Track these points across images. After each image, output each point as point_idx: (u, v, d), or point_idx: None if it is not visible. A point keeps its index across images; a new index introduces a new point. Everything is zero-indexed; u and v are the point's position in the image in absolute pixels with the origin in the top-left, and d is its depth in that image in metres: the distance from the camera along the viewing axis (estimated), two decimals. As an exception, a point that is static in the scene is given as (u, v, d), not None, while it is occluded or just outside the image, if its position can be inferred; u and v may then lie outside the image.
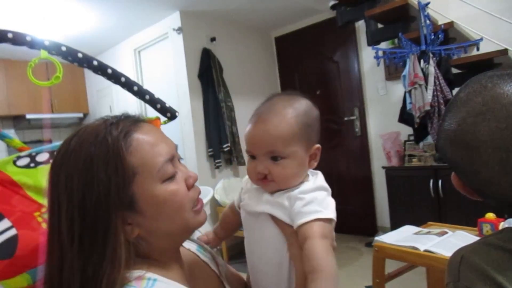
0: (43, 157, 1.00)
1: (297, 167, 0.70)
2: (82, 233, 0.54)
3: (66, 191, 0.55)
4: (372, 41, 3.10)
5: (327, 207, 0.67)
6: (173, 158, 0.63)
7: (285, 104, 0.71)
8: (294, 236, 0.66)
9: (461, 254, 0.62)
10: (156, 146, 0.60)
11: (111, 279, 0.52)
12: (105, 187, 0.54)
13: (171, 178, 0.61)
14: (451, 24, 2.73)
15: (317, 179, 0.73)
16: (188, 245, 0.79)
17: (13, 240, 0.83)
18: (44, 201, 0.96)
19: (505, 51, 2.56)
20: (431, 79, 2.57)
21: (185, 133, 3.68)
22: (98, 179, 0.54)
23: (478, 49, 2.65)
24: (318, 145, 0.73)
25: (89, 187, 0.54)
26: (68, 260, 0.54)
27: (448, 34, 2.80)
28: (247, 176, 0.75)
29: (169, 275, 0.60)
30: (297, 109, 0.70)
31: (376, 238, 1.65)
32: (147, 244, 0.61)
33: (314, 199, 0.66)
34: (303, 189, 0.68)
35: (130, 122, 0.61)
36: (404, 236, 1.61)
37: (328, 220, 0.65)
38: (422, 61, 2.65)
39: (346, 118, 3.94)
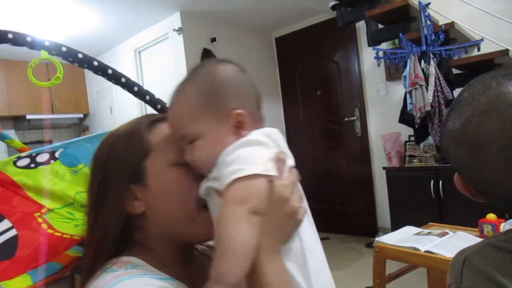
0: (43, 157, 1.00)
1: (215, 143, 0.58)
2: (98, 195, 0.63)
3: (94, 160, 0.67)
4: (373, 42, 3.10)
5: (253, 162, 0.53)
6: None
7: (189, 78, 0.64)
8: None
9: (464, 256, 0.61)
10: (175, 136, 0.64)
11: (104, 242, 0.61)
12: (123, 157, 0.63)
13: (183, 165, 0.62)
14: (451, 24, 2.73)
15: (247, 136, 0.58)
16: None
17: (13, 240, 0.83)
18: (44, 202, 0.96)
19: (506, 52, 2.56)
20: (431, 80, 2.57)
21: (185, 133, 3.68)
22: (118, 150, 0.64)
23: (479, 50, 2.65)
24: (237, 111, 0.58)
25: (110, 157, 0.64)
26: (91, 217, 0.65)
27: (449, 34, 2.80)
28: None
29: (162, 268, 0.60)
30: (199, 79, 0.62)
31: (377, 238, 1.65)
32: (149, 227, 0.63)
33: (237, 157, 0.54)
34: (226, 151, 0.56)
35: (162, 117, 0.69)
36: (404, 237, 1.61)
37: (252, 177, 0.51)
38: (422, 61, 2.65)
39: (346, 119, 3.94)
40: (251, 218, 0.50)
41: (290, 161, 0.59)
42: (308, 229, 0.59)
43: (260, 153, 0.55)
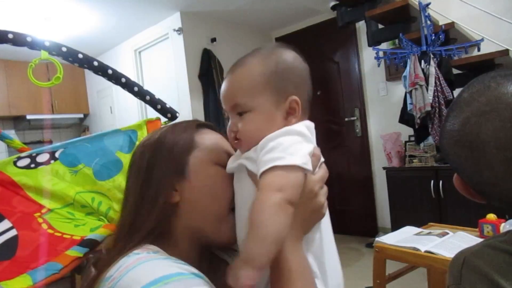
0: (43, 157, 1.00)
1: (264, 122, 0.60)
2: (144, 184, 0.66)
3: (142, 148, 0.70)
4: (373, 42, 3.10)
5: (294, 153, 0.54)
6: (230, 155, 0.69)
7: (255, 54, 0.64)
8: None
9: (463, 257, 0.61)
10: (220, 140, 0.71)
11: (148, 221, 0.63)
12: (171, 148, 0.66)
13: (222, 166, 0.67)
14: (451, 24, 2.73)
15: (292, 125, 0.60)
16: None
17: (13, 240, 0.83)
18: (44, 202, 0.96)
19: (506, 52, 2.56)
20: (431, 80, 2.57)
21: (185, 133, 3.68)
22: (167, 141, 0.67)
23: (479, 50, 2.65)
24: (294, 97, 0.60)
25: (159, 147, 0.67)
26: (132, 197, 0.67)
27: (449, 34, 2.80)
28: None
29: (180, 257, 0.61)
30: (266, 58, 0.62)
31: (377, 239, 1.65)
32: (178, 220, 0.65)
33: (279, 145, 0.55)
34: (269, 136, 0.57)
35: (207, 124, 0.74)
36: (404, 237, 1.61)
37: (291, 168, 0.53)
38: (422, 61, 2.65)
39: (346, 119, 3.94)
40: (286, 207, 0.52)
41: (321, 156, 0.63)
42: (327, 224, 0.63)
43: (301, 146, 0.56)
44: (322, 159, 0.63)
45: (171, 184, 0.65)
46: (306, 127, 0.60)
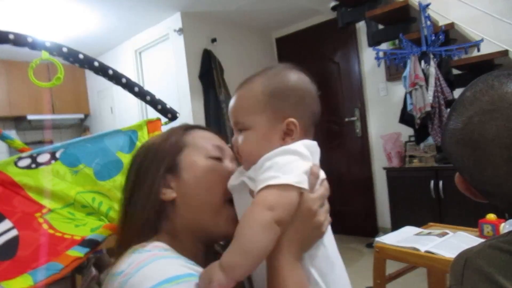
0: (44, 158, 1.01)
1: (261, 141, 0.62)
2: (135, 182, 0.70)
3: (135, 156, 0.74)
4: (373, 42, 3.10)
5: (289, 172, 0.55)
6: (222, 149, 0.73)
7: (261, 74, 0.66)
8: None
9: (465, 257, 0.61)
10: (209, 136, 0.74)
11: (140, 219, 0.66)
12: (158, 153, 0.70)
13: (215, 159, 0.70)
14: (451, 25, 2.73)
15: (289, 145, 0.61)
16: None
17: (14, 241, 0.84)
18: (45, 202, 0.96)
19: (505, 52, 2.56)
20: (431, 80, 2.57)
21: (185, 134, 3.68)
22: (156, 147, 0.72)
23: (478, 50, 2.65)
24: (291, 119, 0.61)
25: (149, 152, 0.72)
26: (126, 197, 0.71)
27: (449, 35, 2.80)
28: None
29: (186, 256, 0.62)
30: (269, 78, 0.64)
31: (377, 239, 1.65)
32: (177, 217, 0.68)
33: (274, 164, 0.56)
34: (266, 156, 0.58)
35: (196, 126, 0.78)
36: (405, 237, 1.61)
37: (285, 187, 0.54)
38: (422, 62, 2.65)
39: (346, 119, 3.94)
40: (273, 227, 0.53)
41: (322, 174, 0.63)
42: (330, 238, 0.63)
43: (296, 164, 0.57)
44: (323, 177, 0.63)
45: (166, 183, 0.68)
46: (305, 146, 0.60)
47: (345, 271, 0.64)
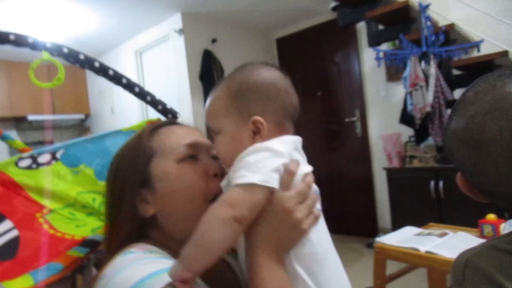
0: (44, 158, 1.01)
1: (230, 143, 0.62)
2: (112, 202, 0.68)
3: (108, 172, 0.71)
4: (373, 43, 3.10)
5: (256, 171, 0.54)
6: (196, 146, 0.68)
7: (228, 75, 0.65)
8: None
9: (466, 257, 0.60)
10: (179, 134, 0.69)
11: (118, 240, 0.64)
12: (127, 168, 0.67)
13: (186, 160, 0.65)
14: (451, 25, 2.73)
15: (263, 142, 0.59)
16: None
17: (14, 241, 0.84)
18: (45, 202, 0.96)
19: (505, 53, 2.56)
20: (432, 81, 2.57)
21: (186, 134, 3.68)
22: (124, 160, 0.68)
23: (478, 51, 2.65)
24: (256, 118, 0.60)
25: (119, 167, 0.68)
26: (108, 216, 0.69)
27: (449, 35, 2.79)
28: None
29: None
30: (232, 79, 0.64)
31: (377, 239, 1.65)
32: (163, 227, 0.65)
33: (244, 164, 0.55)
34: (239, 156, 0.58)
35: (164, 122, 0.73)
36: (405, 237, 1.61)
37: (249, 186, 0.53)
38: (423, 62, 2.65)
39: (347, 119, 3.94)
40: (232, 224, 0.53)
41: (304, 168, 0.60)
42: (321, 234, 0.60)
43: (266, 163, 0.55)
44: (305, 172, 0.59)
45: (143, 199, 0.65)
46: (283, 142, 0.59)
47: (341, 269, 0.62)
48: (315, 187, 0.62)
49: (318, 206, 0.61)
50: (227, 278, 0.70)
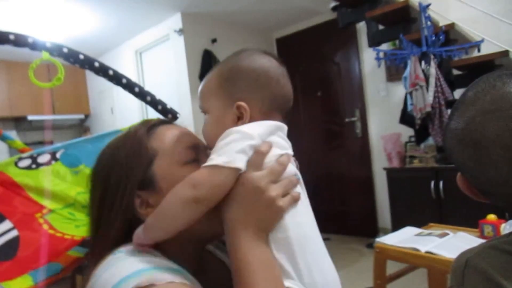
0: (44, 158, 1.01)
1: (215, 125, 0.63)
2: (103, 207, 0.64)
3: (95, 173, 0.68)
4: (373, 43, 3.10)
5: (222, 154, 0.55)
6: (197, 148, 0.67)
7: (225, 59, 0.66)
8: None
9: (466, 258, 0.60)
10: (178, 135, 0.67)
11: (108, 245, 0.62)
12: (125, 168, 0.63)
13: (190, 163, 0.64)
14: (452, 25, 2.73)
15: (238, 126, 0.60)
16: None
17: (14, 241, 0.84)
18: (45, 202, 0.96)
19: (506, 53, 2.56)
20: (432, 81, 2.57)
21: (186, 134, 3.68)
22: (119, 162, 0.64)
23: (479, 51, 2.65)
24: (240, 103, 0.60)
25: (111, 169, 0.65)
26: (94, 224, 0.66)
27: (449, 35, 2.80)
28: None
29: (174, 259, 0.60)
30: (226, 63, 0.65)
31: (377, 239, 1.65)
32: None
33: (216, 148, 0.57)
34: (217, 140, 0.58)
35: (159, 121, 0.71)
36: (405, 237, 1.61)
37: (213, 168, 0.54)
38: (423, 62, 2.65)
39: (347, 120, 3.94)
40: (191, 205, 0.55)
41: (278, 150, 0.59)
42: (302, 218, 0.59)
43: (232, 145, 0.56)
44: (280, 153, 0.59)
45: (144, 202, 0.63)
46: (256, 125, 0.59)
47: (325, 254, 0.60)
48: (294, 171, 0.61)
49: (299, 189, 0.60)
50: (221, 277, 0.69)
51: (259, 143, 0.57)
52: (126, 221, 0.63)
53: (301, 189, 0.61)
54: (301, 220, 0.58)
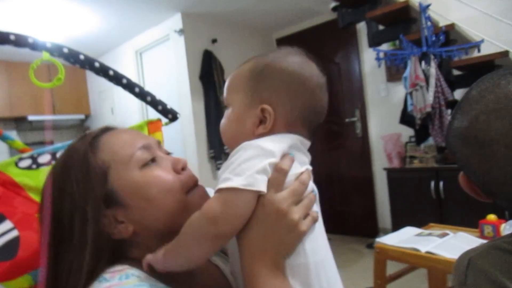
0: (45, 158, 1.01)
1: (234, 122, 0.58)
2: (62, 234, 0.57)
3: (51, 198, 0.59)
4: (373, 43, 3.10)
5: (241, 173, 0.49)
6: (150, 147, 0.61)
7: (264, 53, 0.62)
8: None
9: (468, 258, 0.60)
10: (126, 139, 0.61)
11: (88, 273, 0.54)
12: (81, 190, 0.56)
13: (149, 164, 0.59)
14: (452, 26, 2.73)
15: (256, 140, 0.54)
16: None
17: (15, 241, 0.84)
18: (45, 203, 0.96)
19: (506, 53, 2.56)
20: (432, 81, 2.57)
21: (186, 134, 3.68)
22: (68, 192, 0.57)
23: (479, 51, 2.65)
24: (266, 106, 0.55)
25: (63, 193, 0.57)
26: (51, 258, 0.59)
27: (449, 35, 2.80)
28: None
29: (158, 277, 0.56)
30: (263, 57, 0.59)
31: (377, 239, 1.66)
32: (146, 241, 0.59)
33: (231, 164, 0.51)
34: (235, 150, 0.53)
35: (99, 130, 0.64)
36: (405, 238, 1.61)
37: (233, 191, 0.49)
38: (423, 62, 2.65)
39: (347, 120, 3.95)
40: (213, 241, 0.51)
41: (299, 167, 0.55)
42: (318, 241, 0.55)
43: (251, 163, 0.50)
44: (300, 171, 0.55)
45: (112, 220, 0.57)
46: (277, 140, 0.53)
47: (338, 278, 0.56)
48: (312, 186, 0.56)
49: (316, 207, 0.56)
50: (218, 284, 0.66)
51: (278, 160, 0.52)
52: (104, 245, 0.56)
53: (316, 206, 0.56)
54: (319, 244, 0.55)
